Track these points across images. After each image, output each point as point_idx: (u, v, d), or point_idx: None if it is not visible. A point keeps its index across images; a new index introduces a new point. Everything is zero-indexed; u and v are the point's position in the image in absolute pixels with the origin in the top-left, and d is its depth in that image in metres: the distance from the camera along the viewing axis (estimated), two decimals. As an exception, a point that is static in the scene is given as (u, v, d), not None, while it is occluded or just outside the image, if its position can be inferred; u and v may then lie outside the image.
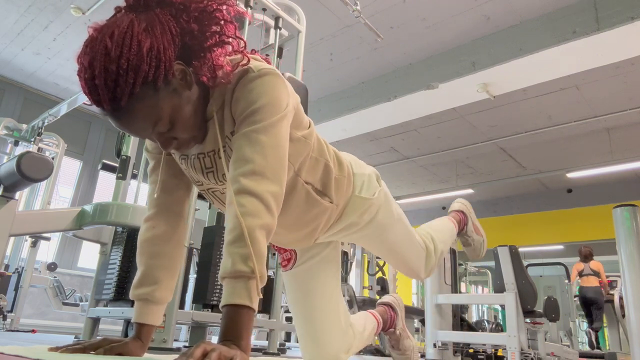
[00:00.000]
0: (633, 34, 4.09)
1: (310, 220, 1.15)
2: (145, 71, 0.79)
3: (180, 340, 4.88)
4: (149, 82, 0.80)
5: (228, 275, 0.81)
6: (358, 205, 1.20)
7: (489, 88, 5.17)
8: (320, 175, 1.12)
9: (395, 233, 1.32)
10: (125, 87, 0.78)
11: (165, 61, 0.82)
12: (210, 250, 2.35)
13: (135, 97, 0.80)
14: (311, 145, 1.07)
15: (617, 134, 6.89)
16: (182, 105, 0.87)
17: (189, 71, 0.87)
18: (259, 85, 0.90)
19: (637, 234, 4.36)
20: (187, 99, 0.88)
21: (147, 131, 0.86)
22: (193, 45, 0.87)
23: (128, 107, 0.81)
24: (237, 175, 0.86)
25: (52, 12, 5.02)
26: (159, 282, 1.04)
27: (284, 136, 0.92)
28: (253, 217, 0.83)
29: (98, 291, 2.50)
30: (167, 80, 0.83)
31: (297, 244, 1.26)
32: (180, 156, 1.05)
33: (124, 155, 2.61)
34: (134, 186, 2.59)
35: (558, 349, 3.93)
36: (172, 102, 0.85)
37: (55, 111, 4.91)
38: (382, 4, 4.55)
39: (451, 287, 4.33)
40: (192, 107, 0.90)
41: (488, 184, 9.13)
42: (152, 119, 0.84)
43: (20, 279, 4.65)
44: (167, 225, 1.07)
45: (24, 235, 4.45)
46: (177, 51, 0.85)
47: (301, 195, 1.08)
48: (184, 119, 0.88)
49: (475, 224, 1.79)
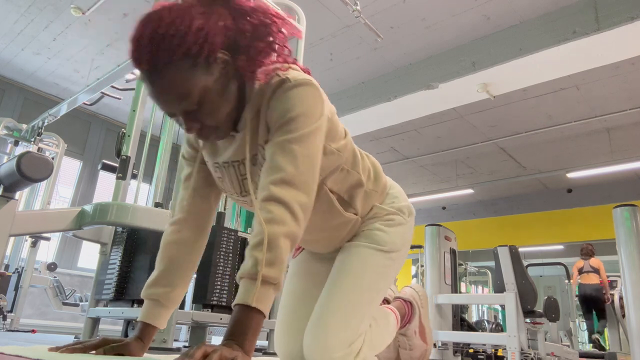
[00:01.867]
0: (633, 34, 4.09)
1: (332, 229, 1.15)
2: (189, 44, 0.83)
3: (180, 340, 4.88)
4: (190, 56, 0.84)
5: (245, 276, 0.82)
6: (376, 212, 1.19)
7: (489, 88, 5.17)
8: (348, 187, 1.12)
9: (365, 274, 1.11)
10: (167, 52, 0.82)
11: (210, 44, 0.85)
12: (210, 250, 2.35)
13: (172, 64, 0.83)
14: (344, 158, 1.08)
15: (617, 134, 6.89)
16: (214, 90, 0.88)
17: (230, 63, 0.90)
18: (295, 95, 0.92)
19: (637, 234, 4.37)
20: (220, 86, 0.90)
21: (175, 103, 0.87)
22: (243, 44, 0.91)
23: (164, 72, 0.83)
24: (267, 183, 0.88)
25: (52, 12, 5.02)
26: (173, 286, 1.05)
27: (317, 147, 0.93)
28: (278, 225, 0.84)
29: (98, 291, 2.50)
30: (207, 62, 0.86)
31: (317, 247, 1.26)
32: (214, 164, 1.06)
33: (124, 155, 2.61)
34: (134, 186, 2.59)
35: (558, 349, 3.93)
36: (205, 83, 0.86)
37: (55, 111, 4.91)
38: (382, 4, 4.55)
39: (451, 287, 4.33)
40: (224, 98, 0.91)
41: (488, 184, 9.13)
42: (182, 91, 0.85)
43: (20, 279, 4.65)
44: (192, 232, 1.09)
45: (24, 235, 4.45)
46: (227, 43, 0.89)
47: (323, 202, 1.08)
48: (213, 104, 0.89)
49: (423, 323, 1.45)
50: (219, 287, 2.32)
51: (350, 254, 1.15)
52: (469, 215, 10.43)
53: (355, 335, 1.05)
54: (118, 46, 5.60)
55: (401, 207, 1.22)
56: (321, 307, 1.09)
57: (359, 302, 1.09)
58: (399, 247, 1.17)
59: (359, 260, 1.13)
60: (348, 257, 1.15)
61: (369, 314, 1.11)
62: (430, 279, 4.25)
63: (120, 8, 4.92)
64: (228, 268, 2.38)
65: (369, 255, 1.14)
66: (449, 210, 10.76)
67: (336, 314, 1.06)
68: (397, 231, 1.18)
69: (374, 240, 1.15)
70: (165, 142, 2.68)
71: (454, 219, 10.34)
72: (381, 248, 1.14)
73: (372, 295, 1.12)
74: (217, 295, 2.31)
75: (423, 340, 1.45)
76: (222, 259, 2.37)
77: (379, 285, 1.14)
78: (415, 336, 1.43)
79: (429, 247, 4.35)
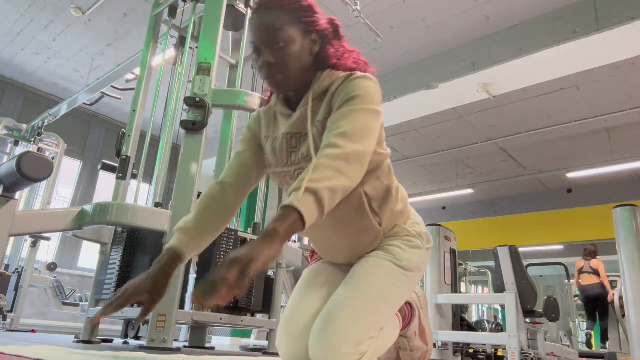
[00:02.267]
0: (633, 34, 4.09)
1: (356, 232, 1.16)
2: (299, 7, 1.09)
3: (180, 340, 4.88)
4: (295, 15, 1.08)
5: (292, 190, 0.91)
6: (398, 231, 1.22)
7: (489, 88, 5.17)
8: (380, 196, 1.16)
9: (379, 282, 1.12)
10: (284, 1, 1.07)
11: (313, 21, 1.10)
12: (210, 250, 2.34)
13: (282, 10, 1.07)
14: (382, 166, 1.15)
15: (617, 134, 6.89)
16: (299, 47, 1.08)
17: (319, 44, 1.12)
18: (362, 82, 1.06)
19: (637, 234, 4.37)
20: (304, 52, 1.09)
21: (268, 38, 1.06)
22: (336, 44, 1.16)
23: (274, 11, 1.06)
24: (327, 138, 0.99)
25: (52, 12, 5.03)
26: (203, 230, 1.14)
27: (374, 124, 1.04)
28: (328, 158, 0.94)
29: (98, 291, 2.50)
30: (305, 29, 1.09)
31: (336, 253, 1.26)
32: (272, 139, 1.18)
33: (124, 155, 2.61)
34: (134, 186, 2.59)
35: (558, 349, 3.93)
36: (296, 40, 1.07)
37: (55, 111, 4.92)
38: (382, 4, 4.55)
39: (451, 287, 4.33)
40: (302, 61, 1.09)
41: (488, 184, 9.14)
42: (278, 32, 1.05)
43: (20, 279, 4.65)
44: (232, 194, 1.19)
45: (24, 235, 4.46)
46: (321, 34, 1.12)
47: (355, 201, 1.12)
48: (293, 58, 1.07)
49: (423, 325, 1.44)
50: (219, 287, 2.32)
51: (368, 262, 1.17)
52: (469, 215, 10.43)
53: (364, 337, 1.05)
54: (118, 46, 5.60)
55: (421, 232, 1.25)
56: (333, 305, 1.09)
57: (371, 307, 1.09)
58: (414, 268, 1.19)
59: (376, 268, 1.15)
60: (365, 264, 1.17)
61: (379, 322, 1.11)
62: (430, 279, 4.25)
63: (120, 8, 4.92)
64: (228, 268, 2.38)
65: (385, 266, 1.15)
66: (448, 210, 10.76)
67: (348, 312, 1.06)
68: (415, 252, 1.20)
69: (392, 254, 1.17)
70: (165, 142, 2.68)
71: (454, 219, 10.34)
72: (398, 263, 1.16)
73: (384, 304, 1.13)
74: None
75: (423, 342, 1.44)
76: (222, 259, 2.36)
77: (392, 295, 1.14)
78: (416, 337, 1.43)
79: (429, 247, 4.34)
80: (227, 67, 3.26)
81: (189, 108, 2.31)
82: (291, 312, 1.19)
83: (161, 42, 3.01)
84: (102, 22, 5.17)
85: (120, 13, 5.01)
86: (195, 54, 2.51)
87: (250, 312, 2.51)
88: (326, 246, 1.27)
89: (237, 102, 2.48)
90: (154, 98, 2.79)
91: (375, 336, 1.09)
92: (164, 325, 2.01)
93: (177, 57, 2.96)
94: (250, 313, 2.53)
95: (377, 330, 1.10)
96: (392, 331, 1.26)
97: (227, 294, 0.80)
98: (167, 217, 2.18)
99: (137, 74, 3.05)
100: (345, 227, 1.17)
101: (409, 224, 1.25)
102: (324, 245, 1.28)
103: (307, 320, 1.12)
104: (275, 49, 1.06)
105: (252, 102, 2.43)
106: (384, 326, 1.15)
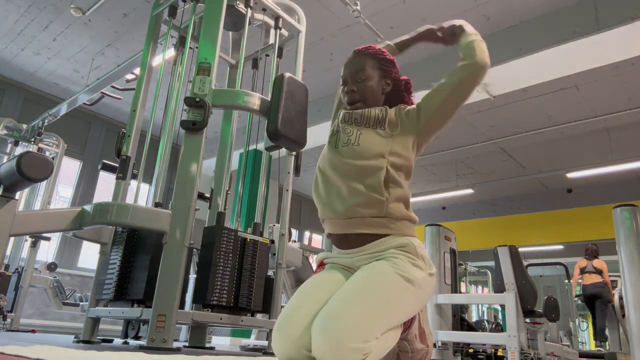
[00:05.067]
0: (633, 34, 4.09)
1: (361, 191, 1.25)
2: (384, 58, 1.46)
3: (180, 340, 4.88)
4: (379, 62, 1.44)
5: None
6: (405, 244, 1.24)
7: (489, 88, 5.17)
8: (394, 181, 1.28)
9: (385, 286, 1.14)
10: (374, 53, 1.46)
11: (391, 71, 1.47)
12: (210, 250, 2.34)
13: (371, 57, 1.44)
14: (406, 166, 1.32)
15: (617, 134, 6.89)
16: (375, 84, 1.42)
17: (390, 86, 1.47)
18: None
19: (637, 234, 4.37)
20: (378, 87, 1.43)
21: (357, 73, 1.42)
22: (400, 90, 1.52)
23: (366, 56, 1.44)
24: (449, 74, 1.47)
25: (52, 12, 5.03)
26: None
27: None
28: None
29: (98, 291, 2.50)
30: (383, 74, 1.44)
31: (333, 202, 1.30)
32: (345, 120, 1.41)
33: (124, 155, 2.61)
34: (134, 186, 2.59)
35: (558, 349, 3.93)
36: (374, 76, 1.42)
37: (55, 111, 4.91)
38: (382, 4, 4.55)
39: (451, 287, 4.33)
40: (375, 93, 1.42)
41: (488, 184, 9.14)
42: (363, 70, 1.41)
43: (20, 279, 4.65)
44: None
45: (24, 235, 4.45)
46: (393, 81, 1.48)
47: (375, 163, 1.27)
48: (369, 88, 1.41)
49: (423, 327, 1.45)
50: (219, 287, 2.32)
51: (374, 267, 1.19)
52: (469, 215, 10.43)
53: (369, 336, 1.04)
54: (118, 46, 5.60)
55: (423, 256, 1.26)
56: (339, 300, 1.09)
57: (378, 307, 1.10)
58: (415, 283, 1.18)
59: (383, 273, 1.17)
60: (372, 269, 1.19)
61: (384, 323, 1.10)
62: (430, 279, 4.24)
63: (120, 8, 4.92)
64: (228, 268, 2.38)
65: (391, 274, 1.16)
66: (448, 210, 10.76)
67: (355, 308, 1.06)
68: (416, 271, 1.21)
69: (397, 265, 1.18)
70: (165, 142, 2.68)
71: (454, 219, 10.34)
72: (403, 274, 1.17)
73: (390, 307, 1.13)
74: (217, 295, 2.31)
75: (423, 343, 1.44)
76: (222, 259, 2.37)
77: (397, 302, 1.15)
78: (416, 340, 1.43)
79: (429, 247, 4.35)
80: (227, 67, 3.26)
81: (189, 108, 2.31)
82: (291, 313, 1.18)
83: (161, 42, 3.01)
84: (102, 22, 5.17)
85: (120, 13, 5.01)
86: (195, 54, 2.51)
87: (250, 312, 2.51)
88: (327, 187, 1.32)
89: (237, 102, 2.48)
90: (154, 98, 2.79)
91: (379, 338, 1.08)
92: (164, 325, 2.01)
93: (177, 57, 2.96)
94: (250, 313, 2.53)
95: (381, 331, 1.09)
96: (393, 334, 1.26)
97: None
98: (167, 217, 2.18)
99: (137, 74, 3.05)
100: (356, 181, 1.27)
101: (417, 242, 1.27)
102: (326, 186, 1.32)
103: (308, 321, 1.11)
104: (357, 82, 1.41)
105: (252, 102, 2.43)
106: (387, 329, 1.14)
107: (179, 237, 2.16)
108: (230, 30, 3.16)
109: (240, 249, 2.47)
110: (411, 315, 1.26)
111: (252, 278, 2.49)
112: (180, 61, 2.88)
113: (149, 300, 2.15)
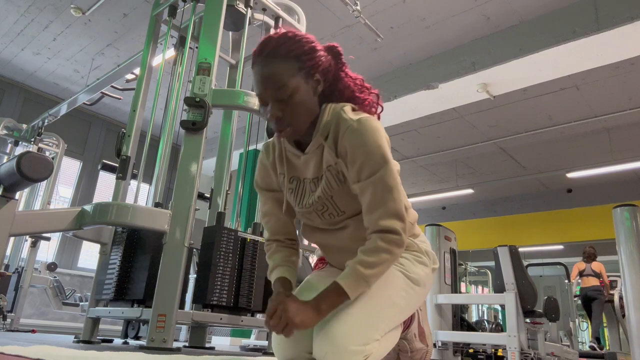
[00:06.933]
0: (633, 34, 4.09)
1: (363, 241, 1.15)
2: (300, 51, 1.07)
3: (180, 340, 4.88)
4: (298, 61, 1.07)
5: (349, 264, 1.06)
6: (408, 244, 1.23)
7: (489, 88, 5.17)
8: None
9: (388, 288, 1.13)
10: (285, 49, 1.06)
11: (315, 63, 1.09)
12: (210, 250, 2.34)
13: (283, 59, 1.06)
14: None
15: (617, 134, 6.89)
16: (304, 93, 1.08)
17: (322, 85, 1.12)
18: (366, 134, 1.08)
19: (637, 234, 4.37)
20: (309, 95, 1.10)
21: (274, 92, 1.06)
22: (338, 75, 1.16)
23: (274, 61, 1.06)
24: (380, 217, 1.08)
25: (52, 12, 5.03)
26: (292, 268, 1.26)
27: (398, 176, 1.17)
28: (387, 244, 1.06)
29: (98, 291, 2.50)
30: (308, 73, 1.08)
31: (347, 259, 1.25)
32: (291, 178, 1.22)
33: (124, 155, 2.62)
34: (134, 186, 2.59)
35: (558, 349, 3.93)
36: (299, 85, 1.07)
37: (55, 111, 4.91)
38: (382, 4, 4.55)
39: (451, 287, 4.33)
40: (308, 104, 1.10)
41: (488, 184, 9.13)
42: (283, 87, 1.05)
43: (20, 279, 4.65)
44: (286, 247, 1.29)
45: (24, 235, 4.46)
46: (326, 70, 1.12)
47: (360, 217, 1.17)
48: (300, 106, 1.08)
49: (422, 326, 1.44)
50: (219, 287, 2.32)
51: None
52: (469, 215, 10.43)
53: (370, 338, 1.04)
54: (118, 46, 5.60)
55: (428, 251, 1.26)
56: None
57: (379, 309, 1.09)
58: (420, 282, 1.19)
59: (387, 274, 1.13)
60: None
61: (385, 325, 1.10)
62: (430, 279, 4.24)
63: (120, 8, 4.92)
64: (228, 268, 2.38)
65: (396, 275, 1.15)
66: (448, 211, 10.76)
67: (356, 311, 1.05)
68: (421, 268, 1.21)
69: (401, 265, 1.17)
70: (165, 142, 2.68)
71: (454, 219, 10.34)
72: (407, 274, 1.17)
73: (392, 309, 1.12)
74: (217, 295, 2.31)
75: (423, 343, 1.44)
76: (222, 259, 2.37)
77: (399, 303, 1.14)
78: (416, 339, 1.42)
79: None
80: (227, 67, 3.26)
81: (189, 108, 2.31)
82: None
83: (161, 42, 3.01)
84: (102, 22, 5.17)
85: (120, 13, 5.01)
86: (195, 54, 2.51)
87: (250, 312, 2.51)
88: (335, 250, 1.28)
89: (237, 102, 2.48)
90: (154, 98, 2.79)
91: (380, 339, 1.08)
92: (164, 325, 2.01)
93: (177, 57, 2.96)
94: (250, 313, 2.53)
95: (382, 333, 1.09)
96: (394, 335, 1.26)
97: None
98: (167, 217, 2.18)
99: (137, 74, 3.05)
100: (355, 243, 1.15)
101: (418, 240, 1.26)
102: (333, 251, 1.29)
103: None
104: (281, 102, 1.07)
105: (252, 102, 2.43)
106: (388, 331, 1.14)
107: (179, 237, 2.16)
108: (230, 30, 3.16)
109: (240, 249, 2.47)
110: (411, 313, 1.26)
111: (252, 278, 2.49)
112: (180, 61, 2.88)
113: (149, 300, 2.15)
